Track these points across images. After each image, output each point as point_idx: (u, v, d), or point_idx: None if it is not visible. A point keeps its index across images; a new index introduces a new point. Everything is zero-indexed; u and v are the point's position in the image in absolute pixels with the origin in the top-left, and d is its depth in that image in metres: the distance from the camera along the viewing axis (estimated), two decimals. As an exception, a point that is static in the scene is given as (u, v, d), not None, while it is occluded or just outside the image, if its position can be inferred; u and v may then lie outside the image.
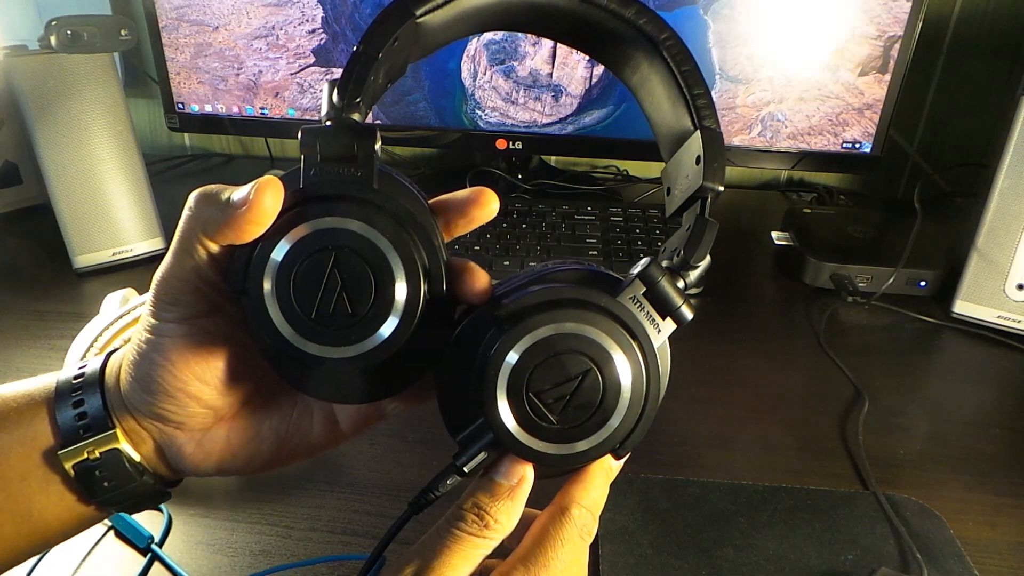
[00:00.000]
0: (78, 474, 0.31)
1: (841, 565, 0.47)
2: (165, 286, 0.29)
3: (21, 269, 0.81)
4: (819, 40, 0.80)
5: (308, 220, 0.26)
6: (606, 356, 0.26)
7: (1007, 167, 0.68)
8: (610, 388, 0.26)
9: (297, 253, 0.26)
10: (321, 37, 0.87)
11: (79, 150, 0.74)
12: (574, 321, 0.26)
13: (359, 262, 0.26)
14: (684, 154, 0.30)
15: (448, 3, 0.27)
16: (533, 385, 0.26)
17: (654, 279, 0.27)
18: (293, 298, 0.26)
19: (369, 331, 0.26)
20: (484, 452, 0.27)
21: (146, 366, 0.30)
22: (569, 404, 0.26)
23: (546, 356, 0.26)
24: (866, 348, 0.69)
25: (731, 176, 1.08)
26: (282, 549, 0.47)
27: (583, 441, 0.27)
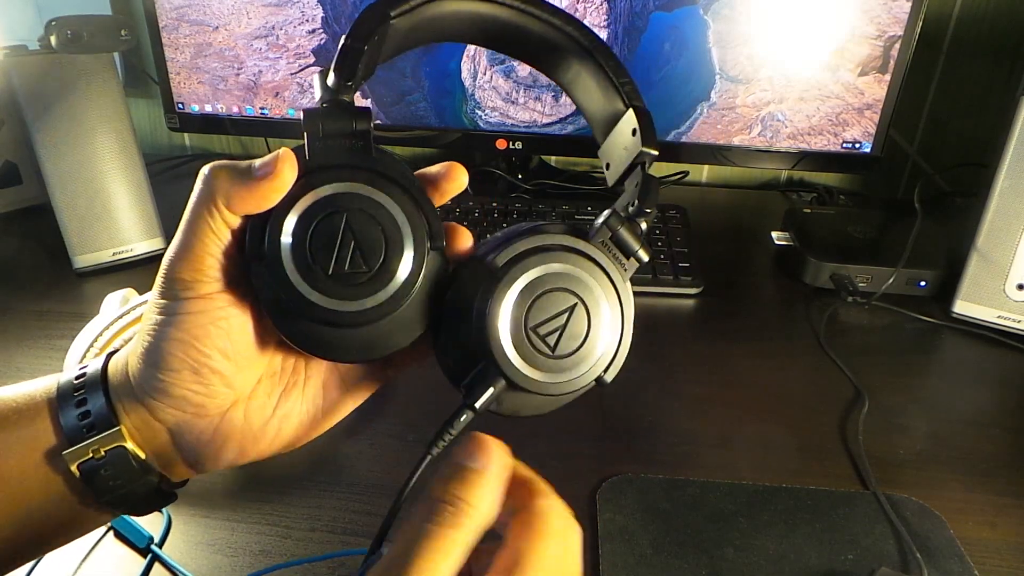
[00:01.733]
0: (83, 473, 0.30)
1: (841, 565, 0.47)
2: (181, 262, 0.29)
3: (21, 269, 0.81)
4: (819, 40, 0.80)
5: (317, 187, 0.29)
6: (589, 292, 0.30)
7: (1007, 167, 0.68)
8: (595, 319, 0.30)
9: (310, 217, 0.28)
10: (321, 37, 0.87)
11: (79, 150, 0.74)
12: (559, 262, 0.30)
13: (368, 221, 0.29)
14: (619, 131, 0.34)
15: (416, 9, 0.31)
16: (529, 321, 0.29)
17: (616, 226, 0.31)
18: (310, 258, 0.28)
19: (384, 282, 0.29)
20: (491, 387, 0.29)
21: (165, 347, 0.29)
22: (562, 335, 0.30)
23: (539, 294, 0.29)
24: (866, 348, 0.69)
25: (731, 176, 1.08)
26: (282, 549, 0.47)
27: (575, 368, 0.30)
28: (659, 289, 0.76)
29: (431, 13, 0.32)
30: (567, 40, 0.34)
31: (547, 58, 0.36)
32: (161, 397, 0.30)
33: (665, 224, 0.84)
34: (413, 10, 0.31)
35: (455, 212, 0.85)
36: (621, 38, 0.83)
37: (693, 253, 0.80)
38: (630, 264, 0.31)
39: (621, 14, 0.82)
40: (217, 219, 0.29)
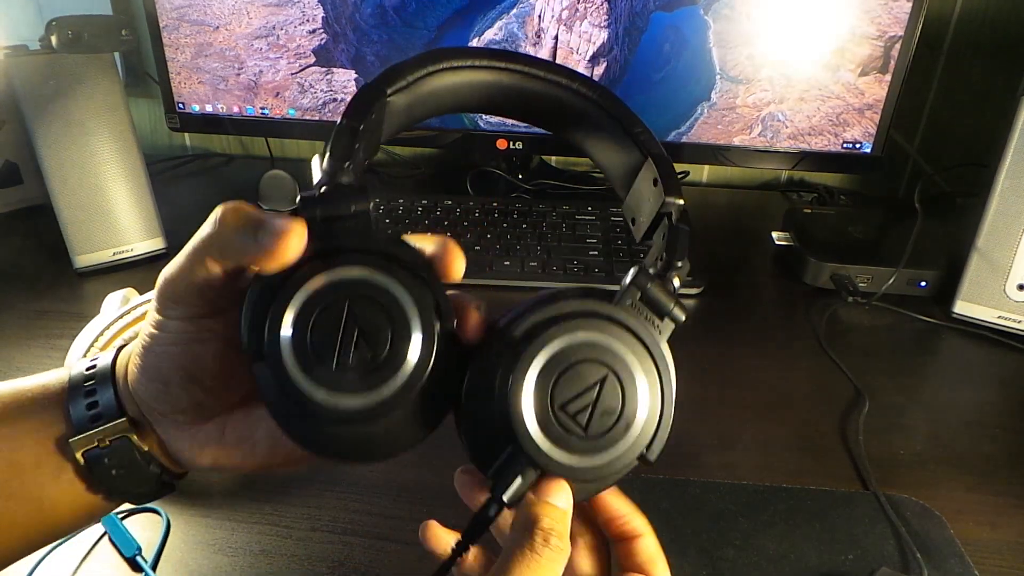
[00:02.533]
0: (88, 461, 0.31)
1: (841, 565, 0.47)
2: (171, 287, 0.29)
3: (21, 269, 0.81)
4: (819, 40, 0.80)
5: (315, 275, 0.27)
6: (619, 360, 0.27)
7: (1007, 167, 0.68)
8: (629, 390, 0.27)
9: (310, 308, 0.26)
10: (321, 37, 0.87)
11: (79, 150, 0.74)
12: (584, 330, 0.27)
13: (372, 307, 0.27)
14: (641, 182, 0.32)
15: (412, 84, 0.30)
16: (557, 399, 0.27)
17: (645, 284, 0.28)
18: (313, 354, 0.26)
19: (393, 370, 0.27)
20: (520, 477, 0.27)
21: (149, 357, 0.31)
22: (594, 412, 0.27)
23: (564, 369, 0.27)
24: (866, 348, 0.69)
25: (731, 176, 1.08)
26: (282, 549, 0.47)
27: (613, 448, 0.27)
28: (659, 289, 0.76)
29: (430, 87, 0.31)
30: (573, 97, 0.32)
31: (556, 118, 0.34)
32: (147, 400, 0.32)
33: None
34: (410, 86, 0.30)
35: (455, 212, 0.85)
36: (621, 38, 0.83)
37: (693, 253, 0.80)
38: (665, 325, 0.29)
39: (621, 14, 0.82)
40: (210, 262, 0.28)
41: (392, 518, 0.49)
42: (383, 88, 0.30)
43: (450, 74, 0.32)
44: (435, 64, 0.31)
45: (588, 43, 0.83)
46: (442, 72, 0.31)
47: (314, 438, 0.28)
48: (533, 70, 0.32)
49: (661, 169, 0.31)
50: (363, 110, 0.29)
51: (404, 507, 0.50)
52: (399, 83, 0.30)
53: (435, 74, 0.31)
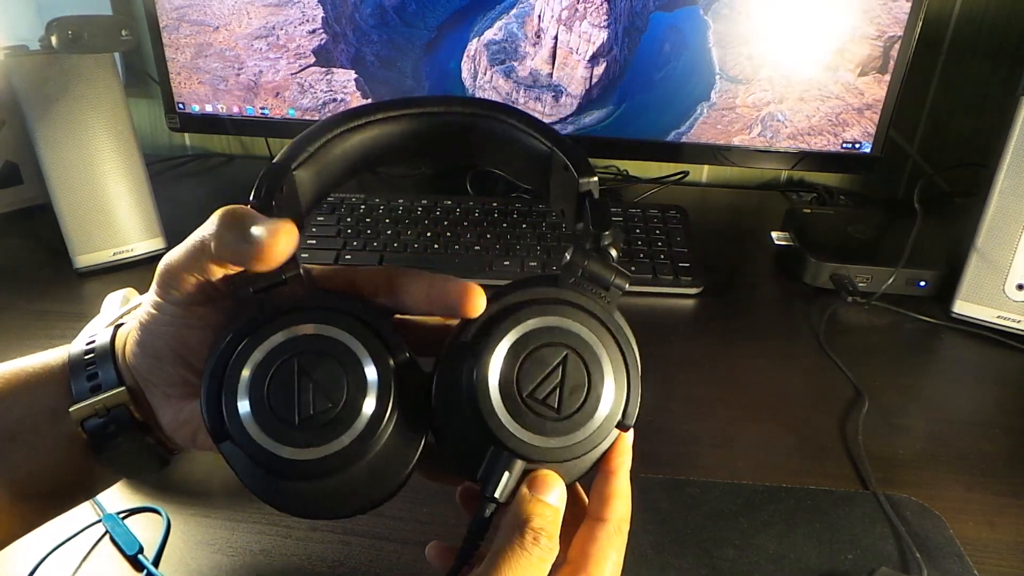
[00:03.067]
0: (87, 431, 0.32)
1: (841, 565, 0.47)
2: (170, 274, 0.30)
3: (21, 269, 0.81)
4: (819, 40, 0.80)
5: (259, 346, 0.27)
6: (574, 337, 0.28)
7: (1007, 167, 0.68)
8: (591, 363, 0.28)
9: (262, 378, 0.27)
10: (321, 37, 0.87)
11: (79, 150, 0.74)
12: (535, 318, 0.28)
13: (320, 359, 0.27)
14: (555, 174, 0.33)
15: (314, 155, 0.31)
16: (524, 389, 0.27)
17: (583, 261, 0.29)
18: (275, 419, 0.27)
19: (356, 411, 0.27)
20: (506, 471, 0.27)
21: (145, 334, 0.32)
22: (563, 391, 0.27)
23: (523, 359, 0.27)
24: (866, 348, 0.69)
25: (731, 176, 1.08)
26: (282, 549, 0.47)
27: (590, 422, 0.27)
28: (659, 289, 0.76)
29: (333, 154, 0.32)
30: (464, 119, 0.33)
31: (461, 148, 0.35)
32: (138, 369, 0.33)
33: (665, 224, 0.84)
34: (312, 156, 0.31)
35: (455, 212, 0.85)
36: (621, 38, 0.83)
37: (693, 253, 0.80)
38: (612, 295, 0.29)
39: (621, 14, 0.82)
40: (206, 261, 0.29)
41: (392, 518, 0.49)
42: (288, 165, 0.30)
43: (349, 136, 0.32)
44: (331, 130, 0.32)
45: (588, 43, 0.83)
46: (340, 136, 0.32)
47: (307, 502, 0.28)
48: (414, 110, 0.33)
49: (568, 155, 0.32)
50: (269, 189, 0.29)
51: (404, 507, 0.50)
52: (301, 156, 0.31)
53: (334, 140, 0.32)
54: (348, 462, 0.27)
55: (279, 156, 0.31)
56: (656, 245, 0.81)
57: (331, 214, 0.85)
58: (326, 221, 0.84)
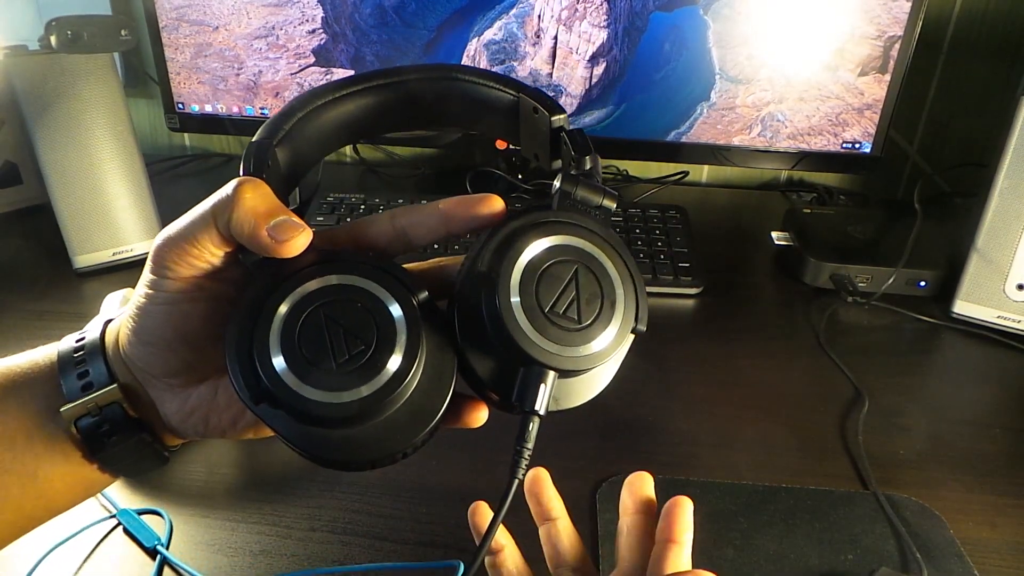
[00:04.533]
0: (80, 431, 0.32)
1: (841, 565, 0.47)
2: (170, 246, 0.29)
3: (21, 269, 0.81)
4: (819, 40, 0.80)
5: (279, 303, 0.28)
6: (580, 252, 0.29)
7: (1007, 167, 0.68)
8: (600, 273, 0.29)
9: (291, 330, 0.27)
10: (321, 37, 0.87)
11: (79, 150, 0.74)
12: (540, 239, 0.29)
13: (345, 307, 0.28)
14: (524, 121, 0.34)
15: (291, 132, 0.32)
16: (544, 304, 0.28)
17: (573, 186, 0.30)
18: (312, 367, 0.27)
19: (390, 348, 0.28)
20: (542, 384, 0.28)
21: (142, 317, 0.31)
22: (580, 302, 0.28)
23: (538, 278, 0.28)
24: (866, 348, 0.69)
25: (731, 176, 1.08)
26: (282, 549, 0.47)
27: (609, 326, 0.29)
28: (659, 289, 0.76)
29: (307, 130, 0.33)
30: (429, 83, 0.34)
31: (428, 112, 0.35)
32: (139, 364, 0.32)
33: (665, 224, 0.84)
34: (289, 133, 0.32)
35: (455, 212, 0.85)
36: (621, 38, 0.83)
37: (693, 253, 0.80)
38: (603, 212, 0.31)
39: (621, 14, 0.82)
40: (215, 230, 0.29)
41: (392, 518, 0.49)
42: (268, 142, 0.31)
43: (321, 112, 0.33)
44: (304, 107, 0.33)
45: (588, 43, 0.83)
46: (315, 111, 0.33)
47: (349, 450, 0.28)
48: (385, 80, 0.33)
49: (535, 98, 0.33)
50: (260, 163, 0.30)
51: (404, 507, 0.50)
52: (280, 133, 0.31)
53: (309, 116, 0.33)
54: (391, 399, 0.27)
55: (258, 134, 0.31)
56: (656, 245, 0.81)
57: (331, 214, 0.85)
58: (326, 221, 0.84)
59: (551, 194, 0.31)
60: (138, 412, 0.33)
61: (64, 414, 0.31)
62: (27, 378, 0.32)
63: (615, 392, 0.30)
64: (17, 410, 0.32)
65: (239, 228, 0.28)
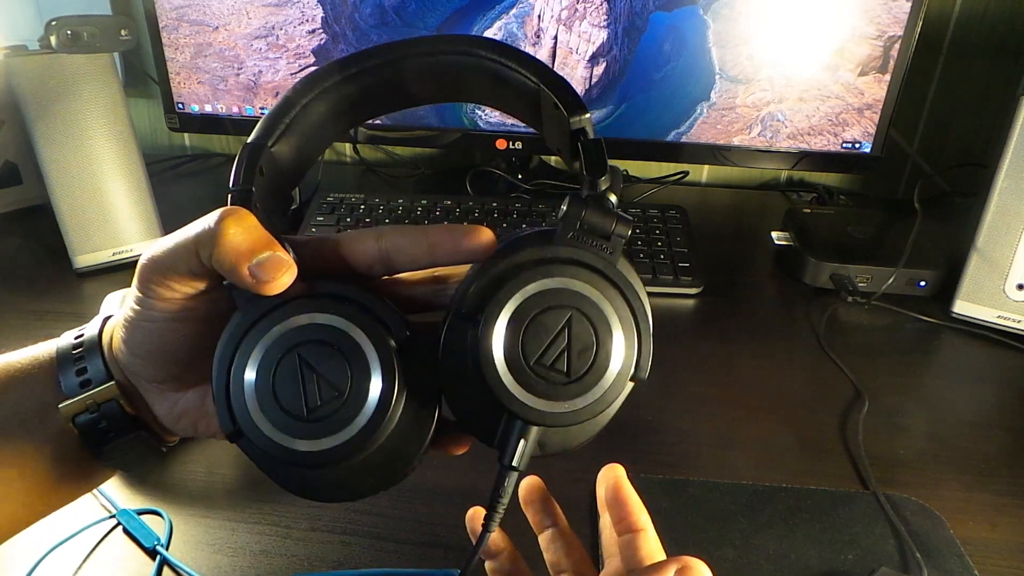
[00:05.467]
0: (78, 427, 0.32)
1: (841, 565, 0.47)
2: (153, 270, 0.29)
3: (21, 269, 0.81)
4: (819, 40, 0.80)
5: (259, 341, 0.27)
6: (577, 296, 0.27)
7: (1007, 167, 0.68)
8: (598, 321, 0.27)
9: (267, 373, 0.27)
10: (321, 37, 0.87)
11: (79, 150, 0.74)
12: (534, 281, 0.27)
13: (320, 348, 0.27)
14: (546, 112, 0.31)
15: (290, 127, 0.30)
16: (529, 356, 0.26)
17: (580, 212, 0.27)
18: (285, 412, 0.27)
19: (363, 397, 0.27)
20: (522, 440, 0.27)
21: (130, 330, 0.31)
22: (571, 354, 0.27)
23: (526, 326, 0.26)
24: (866, 348, 0.69)
25: (731, 176, 1.08)
26: (282, 549, 0.47)
27: (602, 380, 0.27)
28: (659, 289, 0.76)
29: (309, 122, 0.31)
30: (447, 57, 0.31)
31: (443, 87, 0.33)
32: (128, 367, 0.32)
33: (665, 224, 0.84)
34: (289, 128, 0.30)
35: (455, 212, 0.85)
36: (621, 38, 0.83)
37: (693, 253, 0.80)
38: (614, 243, 0.28)
39: (621, 14, 0.82)
40: (198, 260, 0.28)
41: (392, 518, 0.49)
42: (263, 143, 0.30)
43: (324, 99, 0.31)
44: (304, 96, 0.31)
45: (587, 43, 0.83)
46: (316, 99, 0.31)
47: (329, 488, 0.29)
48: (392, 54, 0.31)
49: (556, 92, 0.29)
50: (251, 170, 0.29)
51: (404, 507, 0.50)
52: (277, 131, 0.30)
53: (309, 105, 0.31)
54: (362, 448, 0.27)
55: (253, 134, 0.30)
56: (656, 245, 0.81)
57: (331, 214, 0.85)
58: (326, 221, 0.84)
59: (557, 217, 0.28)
60: (134, 409, 0.33)
61: (62, 410, 0.32)
62: (27, 374, 0.33)
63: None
64: (16, 405, 0.32)
65: (220, 264, 0.27)
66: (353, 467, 0.28)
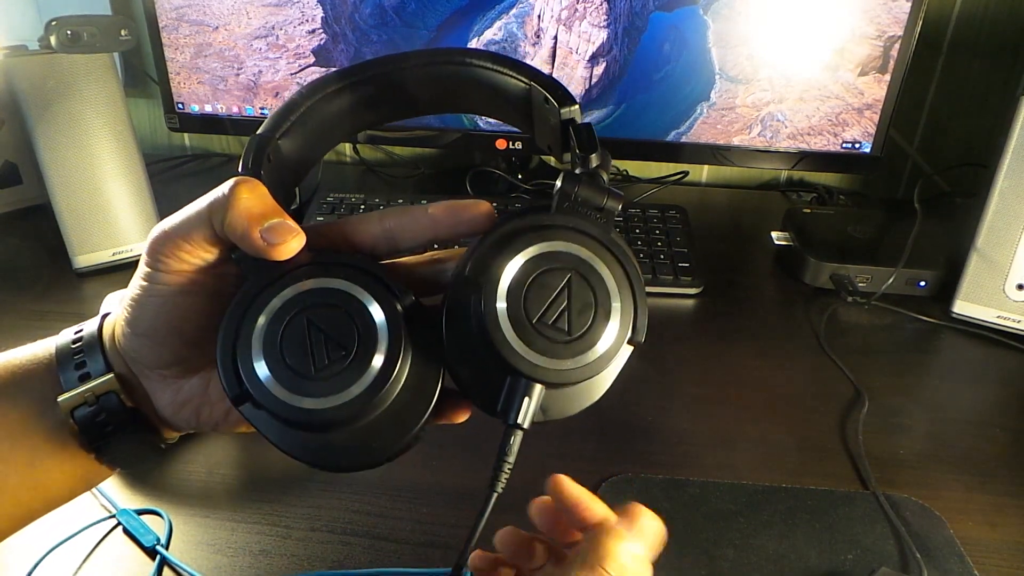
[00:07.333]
0: (77, 421, 0.32)
1: (841, 565, 0.47)
2: (165, 241, 0.29)
3: (21, 269, 0.81)
4: (819, 40, 0.80)
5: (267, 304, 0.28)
6: (575, 258, 0.28)
7: (1007, 167, 0.68)
8: (595, 282, 0.28)
9: (274, 335, 0.27)
10: (321, 37, 0.87)
11: (79, 150, 0.74)
12: (533, 245, 0.28)
13: (327, 310, 0.28)
14: (536, 110, 0.33)
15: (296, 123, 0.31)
16: (532, 314, 0.27)
17: (574, 187, 0.29)
18: (293, 371, 0.27)
19: (369, 354, 0.27)
20: (527, 397, 0.28)
21: (136, 309, 0.31)
22: (571, 312, 0.27)
23: (527, 286, 0.27)
24: (866, 348, 0.69)
25: (731, 176, 1.08)
26: (282, 549, 0.47)
27: (602, 339, 0.28)
28: (659, 289, 0.76)
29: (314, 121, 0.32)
30: (439, 68, 0.33)
31: (438, 100, 0.35)
32: (134, 356, 0.32)
33: (665, 224, 0.84)
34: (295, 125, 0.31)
35: (455, 212, 0.85)
36: (621, 38, 0.83)
37: (693, 253, 0.80)
38: (607, 215, 0.29)
39: (621, 14, 0.82)
40: (210, 228, 0.29)
41: (392, 518, 0.49)
42: (271, 135, 0.31)
43: (329, 101, 0.32)
44: (311, 96, 0.32)
45: (587, 43, 0.83)
46: (322, 101, 0.32)
47: (335, 454, 0.29)
48: (393, 66, 0.33)
49: (547, 88, 0.31)
50: (259, 157, 0.30)
51: (404, 507, 0.50)
52: (284, 125, 0.31)
53: (315, 105, 0.32)
54: (369, 407, 0.27)
55: (263, 126, 0.31)
56: (656, 245, 0.81)
57: (331, 214, 0.85)
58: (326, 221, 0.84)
59: (551, 194, 0.30)
60: (133, 403, 0.33)
61: (61, 404, 0.32)
62: (26, 371, 0.33)
63: (614, 392, 0.30)
64: (16, 402, 0.32)
65: (232, 228, 0.28)
66: (359, 430, 0.28)
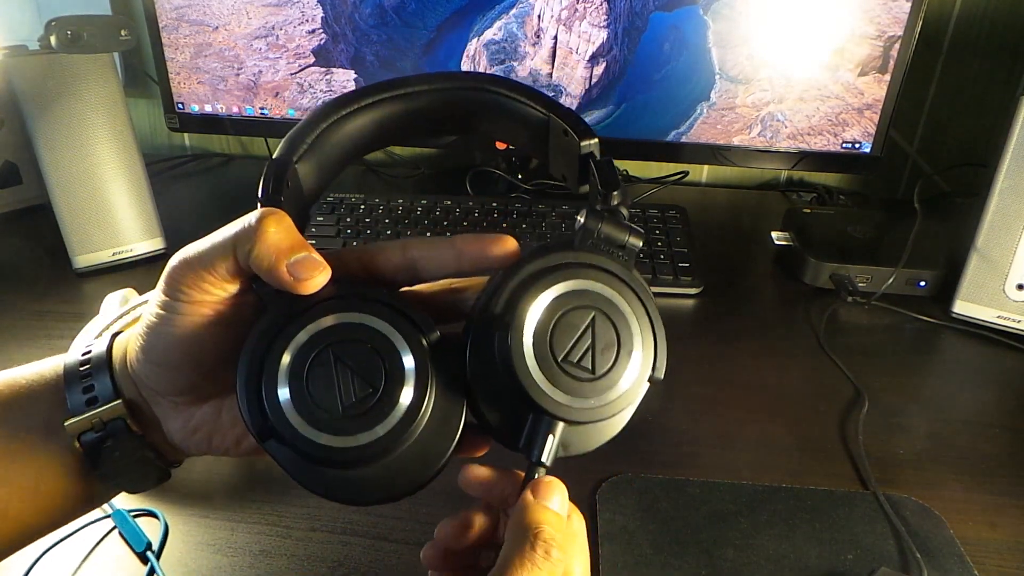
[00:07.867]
0: (83, 445, 0.31)
1: (841, 565, 0.47)
2: (185, 270, 0.29)
3: (21, 269, 0.81)
4: (819, 40, 0.80)
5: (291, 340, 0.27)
6: (599, 297, 0.28)
7: (1007, 167, 0.68)
8: (618, 321, 0.28)
9: (299, 369, 0.27)
10: (321, 37, 0.87)
11: (79, 150, 0.74)
12: (558, 283, 0.28)
13: (354, 345, 0.28)
14: (554, 140, 0.33)
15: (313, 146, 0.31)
16: (557, 353, 0.28)
17: (597, 224, 0.29)
18: (318, 410, 0.27)
19: (397, 394, 0.27)
20: (550, 435, 0.28)
21: (152, 338, 0.30)
22: (595, 352, 0.28)
23: (553, 324, 0.28)
24: (866, 348, 0.69)
25: (731, 176, 1.08)
26: (282, 549, 0.47)
27: (624, 378, 0.28)
28: (659, 289, 0.76)
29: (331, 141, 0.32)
30: (459, 92, 0.33)
31: (457, 122, 0.35)
32: (146, 382, 0.32)
33: (665, 224, 0.84)
34: (312, 147, 0.31)
35: (455, 212, 0.85)
36: (621, 38, 0.83)
37: (693, 253, 0.80)
38: (628, 252, 0.30)
39: (621, 14, 0.82)
40: (235, 260, 0.28)
41: (392, 518, 0.49)
42: (288, 159, 0.31)
43: (344, 123, 0.32)
44: (327, 119, 0.32)
45: (587, 43, 0.83)
46: (337, 123, 0.32)
47: (356, 489, 0.29)
48: (414, 88, 0.33)
49: (566, 120, 0.32)
50: (279, 183, 0.30)
51: (404, 507, 0.50)
52: (301, 148, 0.31)
53: (331, 128, 0.32)
54: (396, 445, 0.27)
55: (279, 150, 0.31)
56: (656, 245, 0.81)
57: (331, 214, 0.85)
58: (326, 221, 0.84)
59: (575, 229, 0.30)
60: (142, 428, 0.33)
61: (68, 428, 0.31)
62: (32, 390, 0.32)
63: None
64: (20, 422, 0.32)
65: (259, 262, 0.28)
66: (386, 466, 0.28)
